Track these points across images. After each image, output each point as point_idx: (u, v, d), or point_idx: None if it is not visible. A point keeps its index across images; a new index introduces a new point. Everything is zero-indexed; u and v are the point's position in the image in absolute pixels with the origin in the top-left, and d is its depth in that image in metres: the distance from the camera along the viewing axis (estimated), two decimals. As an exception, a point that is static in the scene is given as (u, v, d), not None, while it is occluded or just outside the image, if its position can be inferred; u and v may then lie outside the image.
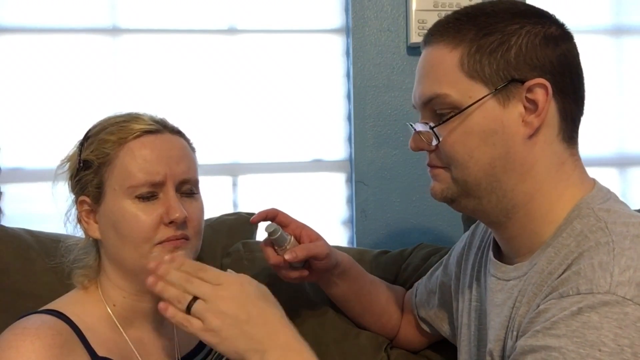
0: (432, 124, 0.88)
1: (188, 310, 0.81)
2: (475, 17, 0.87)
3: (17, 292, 1.14)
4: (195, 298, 0.81)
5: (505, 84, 0.83)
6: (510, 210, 0.88)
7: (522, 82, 0.83)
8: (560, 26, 0.89)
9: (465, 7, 0.90)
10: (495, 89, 0.83)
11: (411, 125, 0.93)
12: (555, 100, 0.85)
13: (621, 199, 0.89)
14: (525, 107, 0.84)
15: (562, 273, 0.79)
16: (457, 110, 0.85)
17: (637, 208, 1.17)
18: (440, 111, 0.87)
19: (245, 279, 0.85)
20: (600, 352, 0.69)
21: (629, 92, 1.80)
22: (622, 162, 1.81)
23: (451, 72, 0.85)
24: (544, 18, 0.88)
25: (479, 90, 0.84)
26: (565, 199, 0.86)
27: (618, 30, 1.80)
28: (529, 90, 0.83)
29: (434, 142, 0.88)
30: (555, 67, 0.85)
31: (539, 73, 0.84)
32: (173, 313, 0.82)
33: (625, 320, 0.70)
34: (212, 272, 0.85)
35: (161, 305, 0.83)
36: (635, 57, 1.80)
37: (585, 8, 1.77)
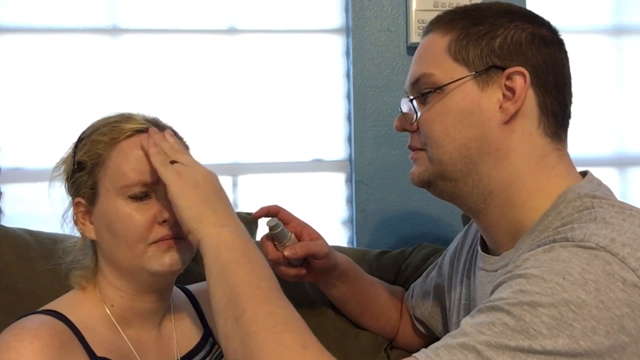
0: (411, 97, 0.92)
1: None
2: (470, 10, 0.91)
3: (17, 292, 1.14)
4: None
5: (486, 69, 0.86)
6: (487, 196, 0.89)
7: (503, 69, 0.86)
8: (554, 32, 0.91)
9: (465, 5, 0.94)
10: (476, 72, 0.86)
11: (400, 109, 0.97)
12: (535, 93, 0.87)
13: (621, 199, 0.89)
14: (504, 95, 0.86)
15: None
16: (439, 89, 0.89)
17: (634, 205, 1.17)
18: (424, 91, 0.90)
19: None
20: (564, 279, 0.70)
21: (628, 92, 1.80)
22: (622, 162, 1.81)
23: (439, 54, 0.90)
24: (536, 19, 0.90)
25: (461, 71, 0.88)
26: (547, 189, 0.87)
27: (618, 30, 1.80)
28: (509, 77, 0.86)
29: (414, 119, 0.91)
30: (538, 63, 0.87)
31: (520, 62, 0.86)
32: (155, 151, 0.90)
33: (594, 260, 0.71)
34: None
35: (152, 150, 0.91)
36: (635, 57, 1.80)
37: (585, 8, 1.77)
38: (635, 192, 1.81)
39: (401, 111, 0.96)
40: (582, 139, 1.74)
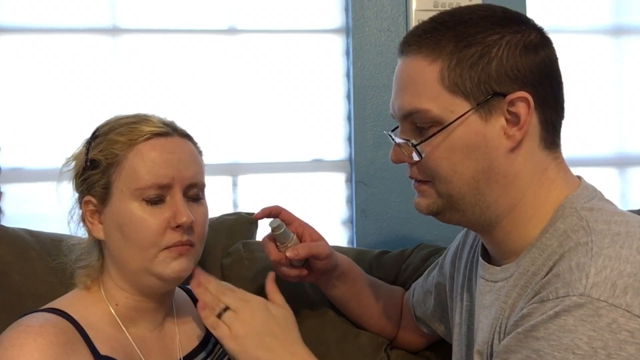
0: (414, 142, 0.86)
1: (219, 316, 0.94)
2: (454, 26, 0.84)
3: (17, 292, 1.14)
4: (226, 308, 0.94)
5: (487, 98, 0.83)
6: (494, 220, 0.88)
7: (504, 95, 0.83)
8: (540, 32, 0.87)
9: (442, 14, 0.88)
10: (478, 104, 0.83)
11: (391, 137, 0.92)
12: (536, 112, 0.84)
13: (621, 199, 0.89)
14: (507, 120, 0.83)
15: (545, 275, 0.79)
16: (438, 125, 0.84)
17: (637, 208, 1.17)
18: (420, 125, 0.86)
19: (269, 302, 0.98)
20: (574, 355, 0.71)
21: (628, 92, 1.80)
22: (622, 162, 1.81)
23: (431, 86, 0.84)
24: (522, 25, 0.86)
25: (460, 104, 0.83)
26: (549, 203, 0.86)
27: (618, 30, 1.80)
28: (511, 103, 0.83)
29: (416, 158, 0.87)
30: (535, 77, 0.84)
31: (520, 85, 0.83)
32: (207, 315, 0.95)
33: (599, 322, 0.71)
34: (240, 290, 0.98)
35: (200, 304, 0.95)
36: (635, 57, 1.80)
37: (585, 8, 1.77)
38: (635, 192, 1.80)
39: (395, 143, 0.90)
40: (582, 139, 1.74)
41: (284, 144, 1.66)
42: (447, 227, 1.60)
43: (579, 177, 0.91)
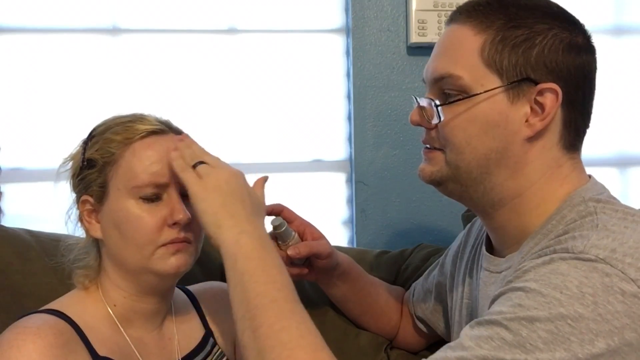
0: (437, 102, 0.88)
1: (193, 167, 0.89)
2: (507, 6, 0.86)
3: (16, 292, 1.14)
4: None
5: (519, 81, 0.83)
6: (496, 203, 0.88)
7: (536, 83, 0.83)
8: (587, 38, 0.89)
9: None
10: (509, 83, 0.84)
11: (416, 99, 0.93)
12: (562, 110, 0.85)
13: (621, 199, 0.89)
14: (531, 108, 0.84)
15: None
16: (465, 94, 0.85)
17: (637, 208, 1.17)
18: (448, 91, 0.87)
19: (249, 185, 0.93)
20: (561, 294, 0.70)
21: (629, 92, 1.80)
22: (622, 162, 1.81)
23: (470, 56, 0.85)
24: (573, 25, 0.88)
25: (492, 80, 0.84)
26: (557, 195, 0.87)
27: (619, 30, 1.80)
28: (540, 93, 0.84)
29: (435, 121, 0.88)
30: (571, 76, 0.85)
31: (554, 78, 0.84)
32: (176, 156, 0.90)
33: (592, 272, 0.71)
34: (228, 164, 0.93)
35: (173, 153, 0.91)
36: (635, 57, 1.80)
37: (586, 8, 1.77)
38: (635, 192, 1.80)
39: (418, 105, 0.92)
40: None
41: (284, 144, 1.66)
42: (447, 227, 1.62)
43: (589, 176, 0.92)
